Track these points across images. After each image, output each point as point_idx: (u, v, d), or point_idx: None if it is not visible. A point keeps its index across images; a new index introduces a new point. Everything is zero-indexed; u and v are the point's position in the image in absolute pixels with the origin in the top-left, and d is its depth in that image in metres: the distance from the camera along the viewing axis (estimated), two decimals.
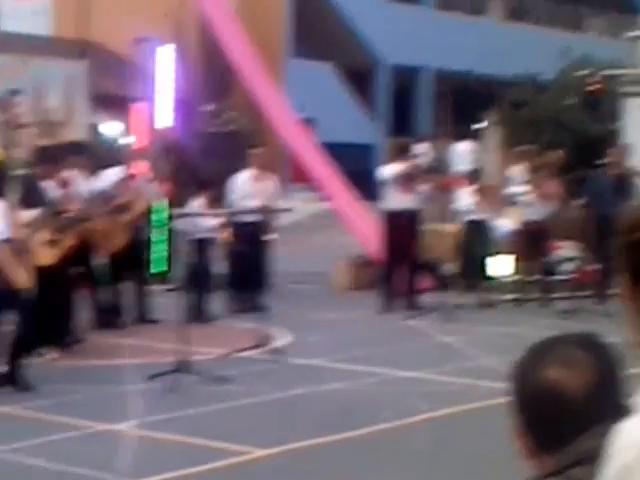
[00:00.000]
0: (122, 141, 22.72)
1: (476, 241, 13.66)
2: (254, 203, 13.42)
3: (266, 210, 13.27)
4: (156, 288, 14.74)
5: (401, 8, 33.96)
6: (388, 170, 13.74)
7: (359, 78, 32.61)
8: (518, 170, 17.15)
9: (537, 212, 14.07)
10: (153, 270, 14.70)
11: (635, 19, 25.50)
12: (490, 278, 14.12)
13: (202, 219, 12.56)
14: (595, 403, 1.86)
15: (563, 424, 1.86)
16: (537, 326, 12.11)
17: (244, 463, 7.12)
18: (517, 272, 14.28)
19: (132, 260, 12.42)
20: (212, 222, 12.88)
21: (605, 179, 14.22)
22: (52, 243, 10.40)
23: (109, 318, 12.11)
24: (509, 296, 14.13)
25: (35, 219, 10.19)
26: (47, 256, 10.21)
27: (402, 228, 13.32)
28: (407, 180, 13.45)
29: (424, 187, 13.68)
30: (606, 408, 1.85)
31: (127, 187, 12.46)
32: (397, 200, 13.43)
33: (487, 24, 37.21)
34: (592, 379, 1.86)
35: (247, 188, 13.59)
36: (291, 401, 8.75)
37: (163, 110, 15.74)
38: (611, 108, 17.10)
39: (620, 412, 1.79)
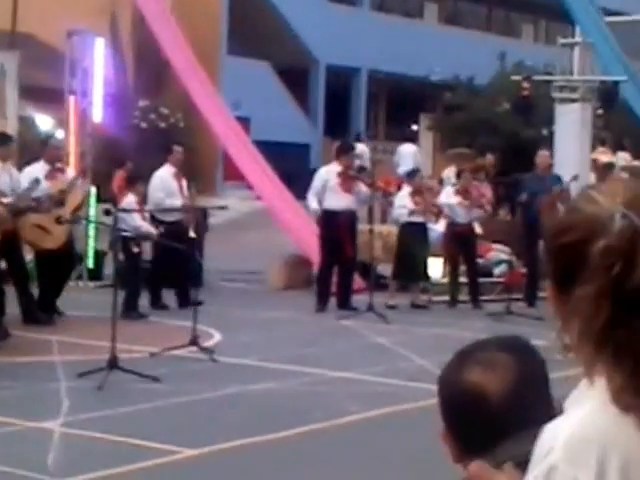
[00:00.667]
0: (53, 134, 22.40)
1: (412, 243, 13.70)
2: (179, 201, 13.36)
3: (198, 208, 13.20)
4: (87, 284, 14.59)
5: (337, 8, 34.04)
6: (327, 170, 13.76)
7: (295, 77, 32.58)
8: (451, 173, 17.31)
9: (466, 215, 14.17)
10: (88, 266, 14.52)
11: (567, 26, 25.84)
12: (424, 280, 14.18)
13: (134, 216, 12.41)
14: (518, 406, 1.85)
15: (485, 428, 1.86)
16: (469, 328, 12.20)
17: (173, 463, 7.03)
18: (449, 275, 14.37)
19: (64, 255, 12.23)
20: (144, 222, 12.72)
21: (534, 183, 14.41)
22: None
23: (38, 314, 11.91)
24: (442, 298, 14.21)
25: None
26: None
27: (340, 228, 13.32)
28: (346, 180, 13.45)
29: (363, 188, 13.69)
30: (531, 411, 1.84)
31: (58, 181, 12.26)
32: (335, 200, 13.43)
33: (422, 27, 37.43)
34: (514, 381, 1.86)
35: (170, 186, 13.49)
36: (221, 400, 8.68)
37: (95, 105, 15.56)
38: (544, 113, 17.31)
39: (546, 414, 1.78)
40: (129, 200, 12.67)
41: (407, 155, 23.17)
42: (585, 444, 1.48)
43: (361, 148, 23.03)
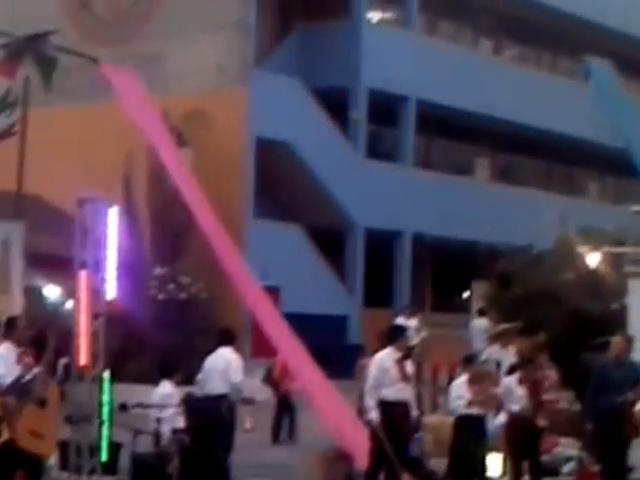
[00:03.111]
0: (63, 306, 22.73)
1: (469, 438, 13.58)
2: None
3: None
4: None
5: (376, 165, 34.39)
6: (385, 358, 13.69)
7: (330, 242, 32.85)
8: (509, 353, 17.30)
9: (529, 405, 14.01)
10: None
11: (636, 186, 26.10)
12: None
13: (159, 410, 12.46)
14: None
15: None
16: None
17: None
18: (510, 473, 14.18)
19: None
20: (169, 412, 12.75)
21: (605, 368, 14.19)
22: None
23: None
24: None
25: None
26: None
27: (396, 422, 13.15)
28: (402, 368, 13.37)
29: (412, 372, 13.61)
30: None
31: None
32: (393, 390, 13.30)
33: (473, 185, 37.86)
34: None
35: None
36: None
37: (109, 278, 15.78)
38: (615, 286, 17.34)
39: None
40: (163, 391, 12.61)
41: (480, 332, 23.26)
42: None
43: (410, 323, 23.20)
